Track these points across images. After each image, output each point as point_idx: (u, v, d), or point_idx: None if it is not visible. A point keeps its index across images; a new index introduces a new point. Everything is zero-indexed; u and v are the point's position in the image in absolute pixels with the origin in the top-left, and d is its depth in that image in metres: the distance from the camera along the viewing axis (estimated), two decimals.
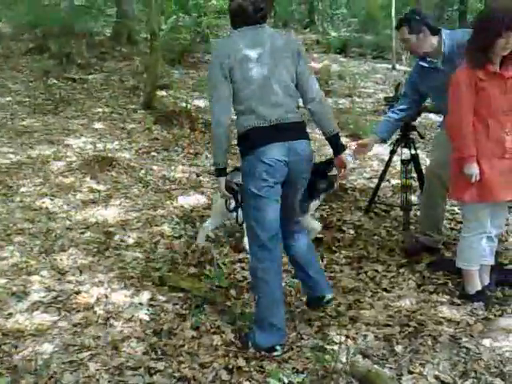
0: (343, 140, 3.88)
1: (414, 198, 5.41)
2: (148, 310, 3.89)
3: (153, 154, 7.11)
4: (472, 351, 3.47)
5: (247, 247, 3.88)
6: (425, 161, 5.78)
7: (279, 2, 20.72)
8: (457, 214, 5.53)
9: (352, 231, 5.25)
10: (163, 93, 9.82)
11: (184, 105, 8.60)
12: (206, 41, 15.71)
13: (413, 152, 5.14)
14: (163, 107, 8.84)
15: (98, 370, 3.23)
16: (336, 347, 3.48)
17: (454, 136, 3.86)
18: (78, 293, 4.06)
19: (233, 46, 3.33)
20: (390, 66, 13.43)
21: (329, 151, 4.19)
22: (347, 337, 3.63)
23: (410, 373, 3.29)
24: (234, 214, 3.92)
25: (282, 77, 3.36)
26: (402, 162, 5.17)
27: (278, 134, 3.33)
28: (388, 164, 5.39)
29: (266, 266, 3.43)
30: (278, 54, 3.36)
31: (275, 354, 3.45)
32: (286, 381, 3.17)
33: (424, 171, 5.01)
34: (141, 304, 3.96)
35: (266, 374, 3.23)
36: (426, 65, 4.48)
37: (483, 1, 22.49)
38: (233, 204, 3.73)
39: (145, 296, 4.05)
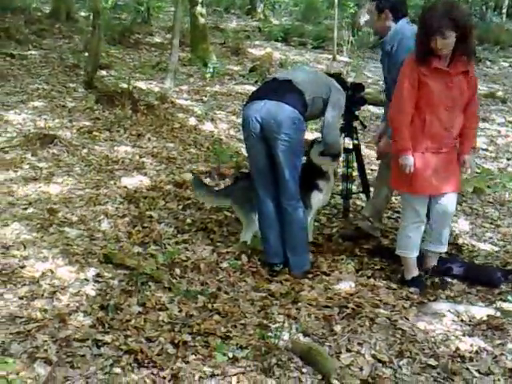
0: None
1: (354, 187, 5.57)
2: (94, 285, 3.91)
3: (95, 133, 7.01)
4: (407, 333, 3.66)
5: None
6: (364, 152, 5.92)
7: None
8: (393, 203, 5.75)
9: None
10: (104, 72, 9.71)
11: (125, 86, 8.52)
12: (147, 22, 15.59)
13: (355, 142, 5.18)
14: (104, 87, 8.73)
15: (45, 341, 3.25)
16: (278, 325, 3.61)
17: (393, 128, 4.05)
18: (22, 267, 4.04)
19: None
20: (331, 57, 13.46)
21: None
22: (288, 316, 3.76)
23: (349, 351, 3.45)
24: None
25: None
26: (345, 150, 5.17)
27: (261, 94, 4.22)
28: None
29: (256, 188, 4.34)
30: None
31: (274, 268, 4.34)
32: (230, 355, 3.28)
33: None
34: (86, 280, 3.97)
35: (211, 348, 3.33)
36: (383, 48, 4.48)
37: None
38: None
39: (90, 272, 4.06)
